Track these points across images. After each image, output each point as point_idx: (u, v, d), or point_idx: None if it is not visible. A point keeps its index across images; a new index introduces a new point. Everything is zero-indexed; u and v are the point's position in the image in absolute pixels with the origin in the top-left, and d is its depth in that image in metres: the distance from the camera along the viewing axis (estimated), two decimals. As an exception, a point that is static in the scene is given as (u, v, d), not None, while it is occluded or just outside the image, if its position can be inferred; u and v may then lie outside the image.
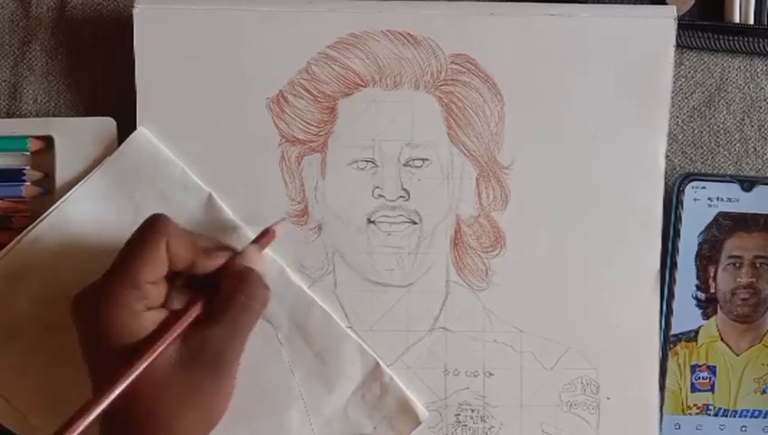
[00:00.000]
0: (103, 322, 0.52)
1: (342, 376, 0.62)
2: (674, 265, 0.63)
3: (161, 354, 0.52)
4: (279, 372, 0.61)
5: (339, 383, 0.62)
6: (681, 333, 0.64)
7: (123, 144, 0.62)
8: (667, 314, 0.63)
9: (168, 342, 0.52)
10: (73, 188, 0.62)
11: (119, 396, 0.51)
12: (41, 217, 0.62)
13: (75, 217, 0.62)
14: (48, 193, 0.63)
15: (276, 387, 0.61)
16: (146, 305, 0.53)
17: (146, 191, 0.62)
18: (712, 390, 0.64)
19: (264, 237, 0.60)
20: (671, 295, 0.63)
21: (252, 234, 0.61)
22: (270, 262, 0.61)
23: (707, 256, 0.64)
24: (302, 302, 0.62)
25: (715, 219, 0.63)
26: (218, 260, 0.56)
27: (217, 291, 0.55)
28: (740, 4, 0.65)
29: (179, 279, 0.56)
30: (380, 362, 0.62)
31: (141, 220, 0.54)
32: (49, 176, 0.63)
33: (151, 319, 0.53)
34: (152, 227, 0.54)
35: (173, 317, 0.54)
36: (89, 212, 0.62)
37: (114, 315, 0.52)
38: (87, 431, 0.50)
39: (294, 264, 0.63)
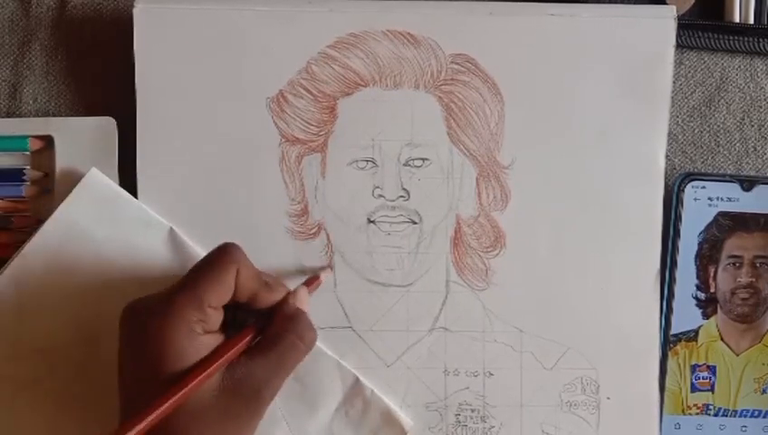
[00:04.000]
0: (159, 336, 0.51)
1: (323, 395, 0.62)
2: (674, 264, 0.63)
3: (205, 380, 0.51)
4: None
5: (321, 402, 0.62)
6: (681, 333, 0.64)
7: (77, 187, 0.61)
8: (667, 313, 0.63)
9: (217, 368, 0.52)
10: (29, 240, 0.61)
11: (158, 419, 0.50)
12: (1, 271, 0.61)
13: (34, 269, 0.61)
14: (48, 193, 0.63)
15: None
16: (204, 329, 0.53)
17: (107, 233, 0.61)
18: (712, 390, 0.64)
19: (312, 282, 0.60)
20: (671, 295, 0.63)
21: None
22: None
23: (707, 255, 0.64)
24: None
25: (715, 219, 0.64)
26: (278, 296, 0.56)
27: (269, 326, 0.55)
28: (740, 4, 0.65)
29: (232, 310, 0.56)
30: (360, 377, 0.62)
31: (105, 264, 0.54)
32: (49, 176, 0.63)
33: (205, 344, 0.52)
34: (225, 252, 0.54)
35: (224, 346, 0.53)
36: (48, 261, 0.61)
37: (172, 331, 0.51)
38: None
39: (294, 264, 0.63)
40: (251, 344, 0.55)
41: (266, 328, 0.55)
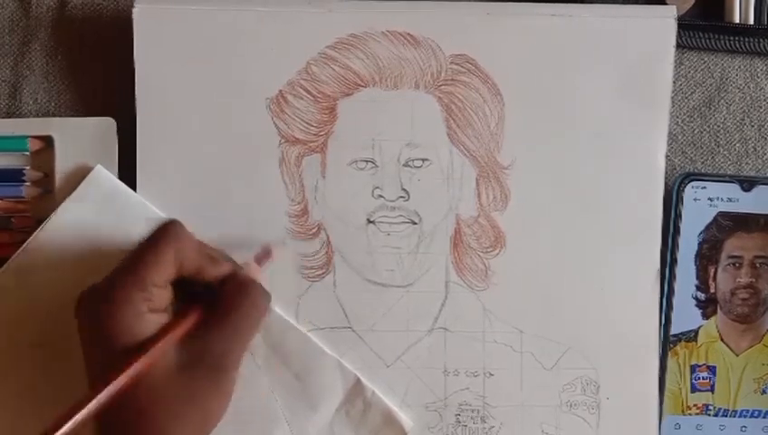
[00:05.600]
0: (107, 319, 0.52)
1: (324, 394, 0.62)
2: (674, 264, 0.63)
3: (160, 358, 0.52)
4: (260, 397, 0.61)
5: (321, 402, 0.62)
6: (681, 333, 0.64)
7: (82, 183, 0.62)
8: (666, 313, 0.63)
9: (167, 344, 0.52)
10: (32, 236, 0.61)
11: (116, 399, 0.50)
12: (3, 268, 0.61)
13: (37, 264, 0.61)
14: (48, 193, 0.63)
15: (259, 412, 0.61)
16: (150, 308, 0.53)
17: (111, 229, 0.61)
18: (712, 390, 0.64)
19: (264, 256, 0.60)
20: (671, 295, 0.63)
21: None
22: None
23: (707, 255, 0.64)
24: (277, 324, 0.62)
25: (715, 219, 0.64)
26: (223, 268, 0.56)
27: (219, 298, 0.55)
28: (740, 4, 0.65)
29: (182, 287, 0.56)
30: (361, 378, 0.62)
31: (108, 260, 0.54)
32: (49, 176, 0.63)
33: (154, 321, 0.53)
34: (164, 230, 0.54)
35: (173, 321, 0.54)
36: (51, 257, 0.61)
37: (118, 313, 0.52)
38: (82, 432, 0.50)
39: (294, 264, 0.63)
40: (204, 318, 0.55)
41: (217, 300, 0.55)
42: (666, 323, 0.63)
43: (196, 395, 0.53)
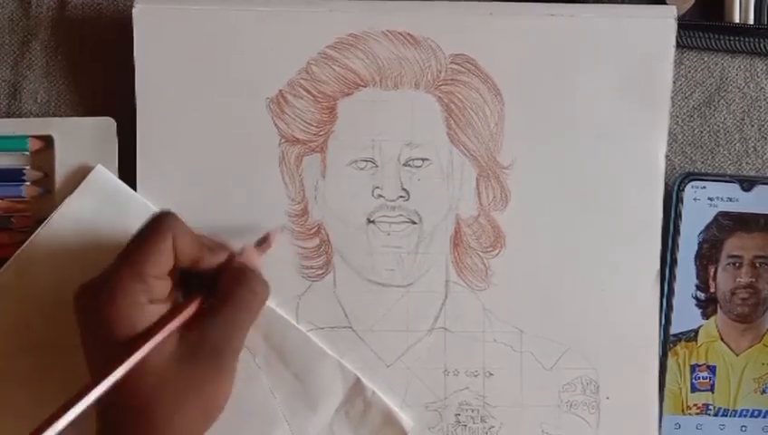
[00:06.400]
0: (105, 312, 0.52)
1: (324, 394, 0.62)
2: (674, 264, 0.63)
3: (160, 348, 0.52)
4: (260, 397, 0.61)
5: (321, 402, 0.62)
6: (681, 333, 0.64)
7: (83, 183, 0.62)
8: (666, 313, 0.63)
9: (165, 334, 0.52)
10: (33, 234, 0.61)
11: (117, 389, 0.51)
12: (5, 266, 0.61)
13: (38, 263, 0.61)
14: (48, 193, 0.63)
15: (259, 411, 0.61)
16: (149, 298, 0.53)
17: (112, 228, 0.61)
18: (712, 390, 0.64)
19: (263, 242, 0.60)
20: (671, 295, 0.63)
21: None
22: None
23: (707, 255, 0.64)
24: (277, 324, 0.62)
25: (715, 219, 0.64)
26: (221, 257, 0.57)
27: (217, 287, 0.56)
28: (740, 4, 0.65)
29: (181, 277, 0.56)
30: (361, 378, 0.62)
31: (109, 260, 0.55)
32: (49, 176, 0.63)
33: (154, 312, 0.53)
34: (159, 221, 0.54)
35: (173, 311, 0.54)
36: (51, 256, 0.61)
37: (117, 305, 0.52)
38: (83, 424, 0.50)
39: (294, 264, 0.63)
40: (202, 307, 0.55)
41: (216, 289, 0.55)
42: (666, 323, 0.63)
43: (196, 383, 0.53)
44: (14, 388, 0.61)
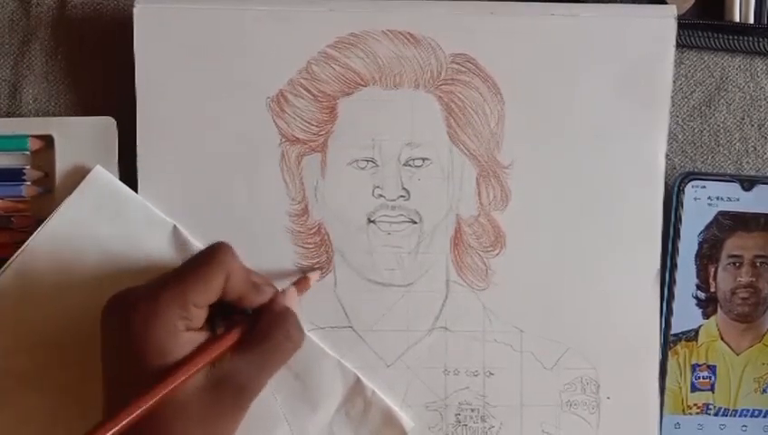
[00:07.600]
0: (139, 334, 0.51)
1: (324, 394, 0.62)
2: (674, 264, 0.63)
3: (186, 379, 0.51)
4: (260, 397, 0.61)
5: (321, 402, 0.62)
6: (681, 333, 0.64)
7: (81, 184, 0.62)
8: (667, 313, 0.63)
9: (198, 366, 0.52)
10: (33, 234, 0.61)
11: (139, 414, 0.50)
12: (5, 266, 0.61)
13: (37, 263, 0.61)
14: (48, 193, 0.63)
15: (259, 412, 0.61)
16: (187, 326, 0.52)
17: (110, 230, 0.61)
18: (712, 389, 0.64)
19: (301, 283, 0.60)
20: (671, 295, 0.63)
21: None
22: None
23: (707, 255, 0.64)
24: None
25: (716, 219, 0.64)
26: (265, 296, 0.56)
27: (256, 325, 0.55)
28: (740, 4, 0.65)
29: (219, 306, 0.56)
30: (361, 377, 0.62)
31: (108, 261, 0.54)
32: (49, 175, 0.63)
33: (187, 340, 0.52)
34: (217, 255, 0.53)
35: (208, 344, 0.53)
36: (51, 257, 0.61)
37: (153, 330, 0.51)
38: None
39: (294, 263, 0.63)
40: (240, 341, 0.54)
41: (253, 326, 0.55)
42: (666, 323, 0.63)
43: (213, 417, 0.52)
44: (14, 387, 0.61)
